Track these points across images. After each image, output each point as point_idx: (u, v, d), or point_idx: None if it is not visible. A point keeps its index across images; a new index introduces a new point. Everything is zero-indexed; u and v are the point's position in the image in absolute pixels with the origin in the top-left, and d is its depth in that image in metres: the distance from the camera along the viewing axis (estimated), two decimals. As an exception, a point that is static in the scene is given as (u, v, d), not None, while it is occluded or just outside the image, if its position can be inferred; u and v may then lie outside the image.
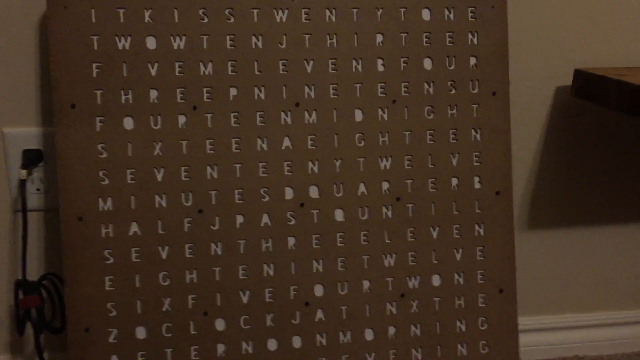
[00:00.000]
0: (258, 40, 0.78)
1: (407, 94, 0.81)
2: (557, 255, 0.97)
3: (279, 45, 0.78)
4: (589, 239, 0.97)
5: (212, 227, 0.79)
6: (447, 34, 0.82)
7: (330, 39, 0.79)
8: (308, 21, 0.79)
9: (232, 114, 0.78)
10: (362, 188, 0.82)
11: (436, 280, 0.84)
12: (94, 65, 0.75)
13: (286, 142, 0.79)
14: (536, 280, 0.97)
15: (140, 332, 0.78)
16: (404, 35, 0.81)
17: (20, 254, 0.80)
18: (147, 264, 0.78)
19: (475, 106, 0.83)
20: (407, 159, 0.82)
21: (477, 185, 0.84)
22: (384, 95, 0.81)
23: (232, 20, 0.77)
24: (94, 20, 0.74)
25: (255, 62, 0.78)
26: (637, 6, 0.90)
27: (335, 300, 0.82)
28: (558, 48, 0.90)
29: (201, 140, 0.78)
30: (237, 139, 0.78)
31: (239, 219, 0.79)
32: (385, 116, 0.81)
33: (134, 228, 0.77)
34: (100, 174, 0.76)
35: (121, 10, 0.75)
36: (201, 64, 0.77)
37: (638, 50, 0.91)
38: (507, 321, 0.86)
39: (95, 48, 0.75)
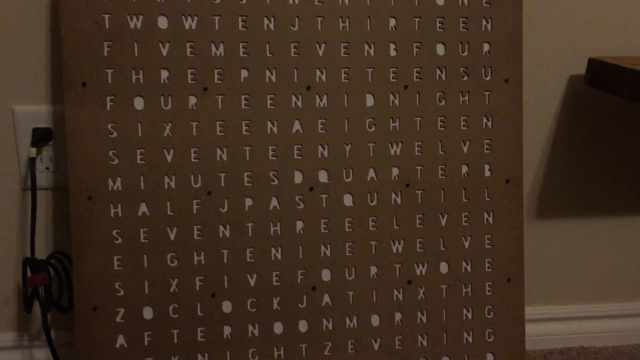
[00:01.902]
0: (270, 22, 0.77)
1: (419, 80, 0.81)
2: (566, 246, 0.96)
3: (291, 27, 0.78)
4: (598, 230, 0.96)
5: (220, 209, 0.78)
6: (461, 19, 0.81)
7: (342, 23, 0.79)
8: (321, 4, 0.78)
9: (243, 96, 0.78)
10: (371, 173, 0.81)
11: (444, 268, 0.84)
12: (105, 44, 0.75)
13: (296, 125, 0.79)
14: (544, 270, 0.96)
15: (147, 313, 0.78)
16: (417, 19, 0.80)
17: (28, 233, 0.80)
18: (155, 245, 0.78)
19: (487, 93, 0.82)
20: (418, 145, 0.82)
21: (487, 173, 0.83)
22: (395, 80, 0.80)
23: (244, 1, 0.76)
24: (105, -2, 0.74)
25: (267, 44, 0.77)
26: (653, -5, 0.89)
27: (342, 285, 0.82)
28: (572, 36, 0.89)
29: (211, 121, 0.77)
30: (247, 122, 0.78)
31: (248, 201, 0.79)
32: (397, 101, 0.81)
33: (143, 208, 0.77)
34: (110, 153, 0.76)
35: (133, -11, 0.74)
36: (212, 44, 0.76)
37: (653, 40, 0.91)
38: (514, 310, 0.86)
39: (107, 27, 0.74)
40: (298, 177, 0.80)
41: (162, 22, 0.75)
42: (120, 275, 0.77)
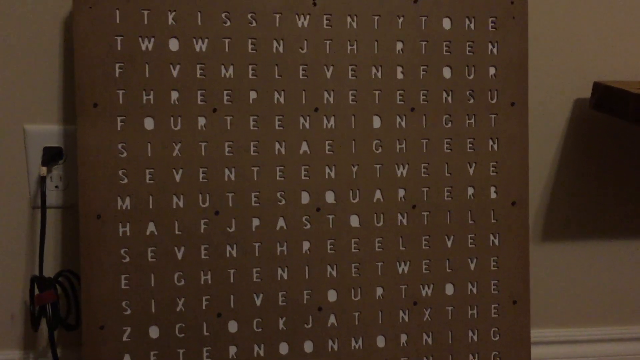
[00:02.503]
0: (279, 45, 0.78)
1: (425, 102, 0.82)
2: (572, 268, 0.96)
3: (300, 50, 0.79)
4: (605, 252, 0.96)
5: (228, 229, 0.79)
6: (467, 43, 0.82)
7: (350, 45, 0.80)
8: (329, 27, 0.79)
9: (252, 117, 0.79)
10: (378, 194, 0.82)
11: (449, 289, 0.84)
12: (117, 65, 0.76)
13: (304, 146, 0.80)
14: (550, 293, 0.96)
15: (154, 332, 0.79)
16: (424, 43, 0.81)
17: (37, 250, 0.81)
18: (162, 264, 0.78)
19: (493, 116, 0.83)
20: (424, 167, 0.82)
21: (493, 195, 0.84)
22: (402, 102, 0.81)
23: (254, 24, 0.78)
24: (118, 20, 0.75)
25: (276, 67, 0.78)
26: (658, 20, 0.90)
27: (348, 306, 0.82)
28: (577, 60, 0.90)
29: (220, 142, 0.78)
30: (256, 142, 0.79)
31: (255, 221, 0.79)
32: (404, 124, 0.81)
33: (151, 228, 0.78)
34: (120, 173, 0.77)
35: (145, 12, 0.76)
36: (222, 66, 0.78)
37: (658, 64, 0.91)
38: (520, 333, 0.85)
39: (119, 48, 0.76)
40: (305, 198, 0.80)
41: (173, 45, 0.77)
42: (127, 294, 0.78)
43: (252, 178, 0.79)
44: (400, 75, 0.81)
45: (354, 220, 0.82)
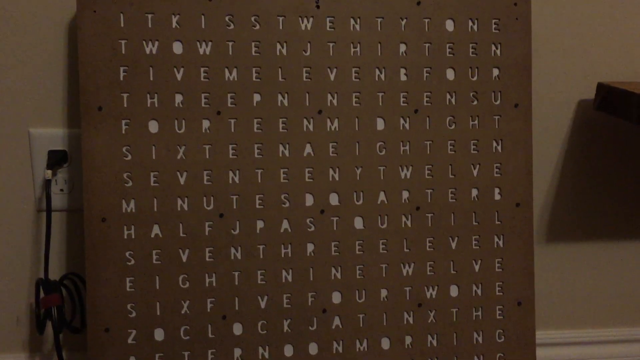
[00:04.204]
0: (283, 48, 0.79)
1: (429, 104, 0.82)
2: (577, 269, 0.96)
3: (303, 52, 0.79)
4: (609, 253, 0.96)
5: (232, 231, 0.79)
6: (471, 45, 0.82)
7: (354, 48, 0.80)
8: (332, 30, 0.79)
9: (255, 120, 0.79)
10: (382, 196, 0.82)
11: (454, 291, 0.84)
12: (122, 68, 0.76)
13: (308, 148, 0.80)
14: (555, 294, 0.96)
15: (159, 334, 0.79)
16: (427, 45, 0.81)
17: (42, 254, 0.81)
18: (167, 267, 0.78)
19: (497, 117, 0.83)
20: (428, 168, 0.82)
21: (497, 197, 0.84)
22: (405, 104, 0.81)
23: (258, 27, 0.78)
24: (122, 24, 0.76)
25: (280, 69, 0.79)
26: (661, 21, 0.90)
27: (352, 308, 0.82)
28: (581, 61, 0.90)
29: (224, 145, 0.78)
30: (260, 145, 0.79)
31: (259, 224, 0.80)
32: (407, 125, 0.82)
33: (156, 230, 0.78)
34: (125, 176, 0.77)
35: (149, 15, 0.76)
36: (226, 69, 0.78)
37: (662, 65, 0.91)
38: (525, 334, 0.85)
39: (123, 52, 0.76)
40: (309, 200, 0.80)
41: (177, 48, 0.77)
42: (132, 297, 0.78)
43: (257, 180, 0.79)
44: (403, 77, 0.81)
45: (358, 222, 0.82)
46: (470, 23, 0.82)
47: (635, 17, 0.90)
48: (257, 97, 0.79)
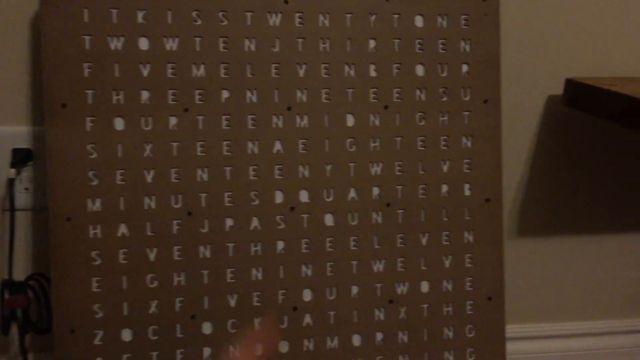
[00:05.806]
0: (251, 43, 0.78)
1: (399, 100, 0.82)
2: (546, 264, 0.97)
3: (272, 48, 0.78)
4: (578, 248, 0.97)
5: (201, 229, 0.78)
6: (440, 41, 0.82)
7: (323, 44, 0.79)
8: (301, 25, 0.79)
9: (224, 117, 0.78)
10: (352, 193, 0.81)
11: (425, 287, 0.84)
12: (86, 65, 0.75)
13: (277, 145, 0.79)
14: (525, 288, 0.97)
15: (126, 335, 0.78)
16: (396, 41, 0.81)
17: (7, 254, 0.80)
18: (134, 266, 0.77)
19: (466, 113, 0.83)
20: (398, 164, 0.82)
21: (467, 192, 0.84)
22: (375, 100, 0.81)
23: (226, 22, 0.77)
24: (86, 20, 0.74)
25: (248, 65, 0.78)
26: (629, 17, 0.91)
27: (323, 305, 0.82)
28: (550, 57, 0.90)
29: (192, 142, 0.77)
30: (228, 142, 0.78)
31: (229, 222, 0.79)
32: (377, 121, 0.81)
33: (123, 229, 0.77)
34: (90, 174, 0.76)
35: (114, 11, 0.75)
36: (193, 65, 0.77)
37: (630, 60, 0.92)
38: (495, 329, 0.86)
39: (87, 48, 0.74)
40: (279, 197, 0.80)
41: (143, 44, 0.76)
42: (99, 297, 0.77)
43: (225, 178, 0.78)
44: (373, 73, 0.81)
45: (329, 219, 0.81)
46: (440, 19, 0.82)
47: (603, 13, 0.91)
48: (225, 94, 0.78)
